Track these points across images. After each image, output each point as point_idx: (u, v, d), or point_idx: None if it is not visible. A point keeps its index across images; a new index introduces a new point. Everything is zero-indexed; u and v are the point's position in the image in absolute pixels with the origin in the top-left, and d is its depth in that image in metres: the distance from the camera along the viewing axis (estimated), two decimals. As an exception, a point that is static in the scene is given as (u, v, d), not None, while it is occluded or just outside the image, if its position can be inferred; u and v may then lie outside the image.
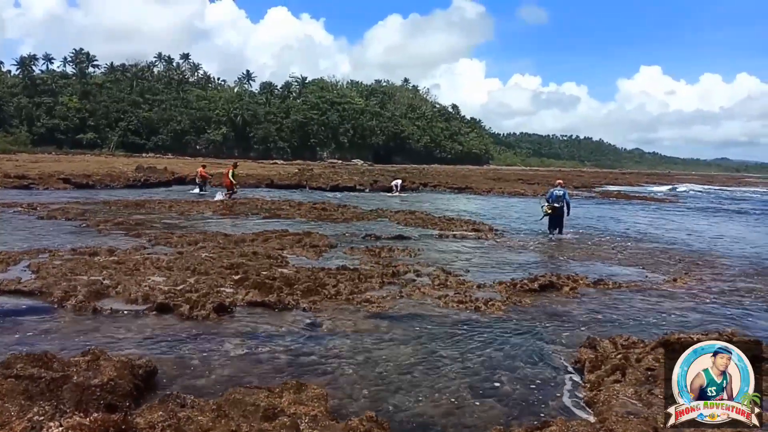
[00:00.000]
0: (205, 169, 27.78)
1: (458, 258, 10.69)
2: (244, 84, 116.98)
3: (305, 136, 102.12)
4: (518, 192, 35.93)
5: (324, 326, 6.05)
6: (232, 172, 21.70)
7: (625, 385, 4.30)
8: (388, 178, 39.85)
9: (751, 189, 66.21)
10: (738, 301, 8.01)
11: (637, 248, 13.06)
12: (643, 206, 29.45)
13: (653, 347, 5.09)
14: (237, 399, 3.69)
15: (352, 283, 7.86)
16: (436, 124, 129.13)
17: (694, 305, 7.66)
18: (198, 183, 26.30)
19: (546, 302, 7.49)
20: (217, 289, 7.05)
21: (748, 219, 24.08)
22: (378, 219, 16.81)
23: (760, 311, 7.51)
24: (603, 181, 62.19)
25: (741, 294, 8.43)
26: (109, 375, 3.84)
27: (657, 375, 4.47)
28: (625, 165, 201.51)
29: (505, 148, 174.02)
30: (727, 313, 7.33)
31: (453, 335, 5.94)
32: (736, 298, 8.19)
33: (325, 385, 4.38)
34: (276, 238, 11.53)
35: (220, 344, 5.34)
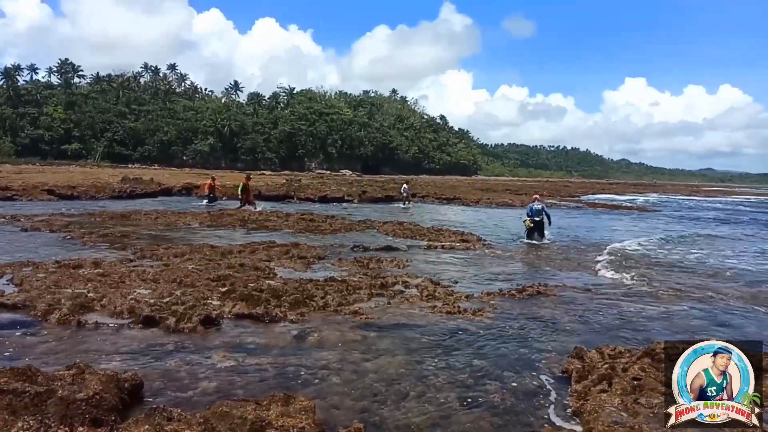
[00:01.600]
0: (215, 181, 27.59)
1: (447, 269, 10.71)
2: (231, 94, 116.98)
3: (293, 146, 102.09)
4: (506, 202, 36.12)
5: (312, 338, 6.03)
6: (243, 186, 22.61)
7: (612, 395, 4.33)
8: (376, 188, 39.90)
9: (715, 198, 66.65)
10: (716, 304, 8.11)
11: (624, 256, 13.19)
12: (620, 214, 29.78)
13: (639, 357, 5.14)
14: (224, 412, 3.66)
15: (341, 294, 7.85)
16: (424, 134, 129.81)
17: (672, 311, 7.74)
18: (208, 195, 26.07)
19: (534, 311, 7.52)
20: (204, 302, 7.00)
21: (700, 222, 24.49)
22: (366, 230, 16.81)
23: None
24: (590, 191, 62.75)
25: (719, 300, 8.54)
26: (94, 389, 3.80)
27: (643, 384, 4.51)
28: (612, 175, 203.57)
29: (493, 158, 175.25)
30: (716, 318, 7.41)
31: (441, 345, 5.95)
32: (716, 303, 8.30)
33: (313, 397, 4.36)
34: (263, 249, 11.49)
35: (206, 357, 5.30)
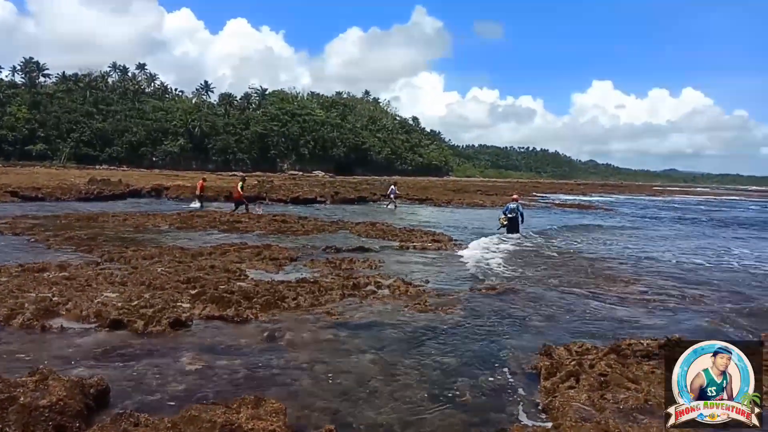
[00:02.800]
0: (205, 182, 27.12)
1: (419, 269, 10.77)
2: (202, 95, 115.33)
3: (265, 147, 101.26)
4: (477, 203, 36.47)
5: (283, 339, 5.99)
6: (241, 185, 22.50)
7: (579, 391, 4.42)
8: (349, 189, 39.85)
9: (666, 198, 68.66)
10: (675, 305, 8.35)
11: (590, 257, 13.45)
12: (587, 213, 30.39)
13: (605, 353, 5.26)
14: (193, 416, 3.62)
15: (313, 295, 7.83)
16: (396, 136, 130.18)
17: (640, 308, 7.94)
18: (198, 196, 25.60)
19: (504, 308, 7.62)
20: (174, 305, 6.90)
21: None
22: (339, 231, 16.78)
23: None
24: (559, 191, 63.74)
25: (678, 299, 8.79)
26: (58, 395, 3.72)
27: (609, 380, 4.61)
28: (580, 176, 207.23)
29: (465, 159, 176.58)
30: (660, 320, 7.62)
31: (413, 344, 5.98)
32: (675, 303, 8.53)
33: (284, 398, 4.34)
34: (234, 251, 11.38)
35: (175, 359, 5.23)
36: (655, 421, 3.95)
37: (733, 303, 8.64)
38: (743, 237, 21.06)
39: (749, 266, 12.96)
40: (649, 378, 4.74)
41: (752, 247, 17.24)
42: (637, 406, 4.21)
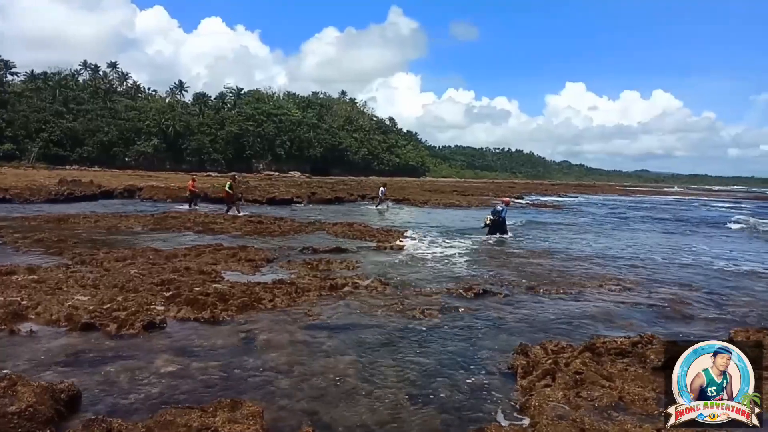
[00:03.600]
0: (194, 182, 26.63)
1: (396, 269, 10.78)
2: (176, 94, 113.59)
3: (240, 147, 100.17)
4: (454, 203, 36.64)
5: (259, 340, 5.94)
6: (230, 185, 22.30)
7: (555, 389, 4.47)
8: (326, 190, 39.70)
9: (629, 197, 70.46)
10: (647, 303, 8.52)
11: (568, 257, 13.63)
12: (555, 212, 30.83)
13: (580, 352, 5.33)
14: (168, 420, 3.56)
15: (289, 296, 7.78)
16: (373, 136, 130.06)
17: (615, 307, 8.08)
18: (188, 198, 25.10)
19: (481, 309, 7.67)
20: (147, 307, 6.79)
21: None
22: (316, 231, 16.70)
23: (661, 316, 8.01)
24: (533, 191, 64.45)
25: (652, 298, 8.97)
26: (27, 401, 3.62)
27: (584, 378, 4.68)
28: (554, 176, 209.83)
29: (441, 160, 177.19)
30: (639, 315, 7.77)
31: (390, 344, 5.99)
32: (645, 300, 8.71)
33: (261, 400, 4.31)
34: (209, 252, 11.24)
35: (149, 362, 5.14)
36: (629, 417, 4.02)
37: (703, 301, 8.84)
38: (707, 235, 21.56)
39: (707, 262, 13.27)
40: (623, 375, 4.82)
41: (711, 245, 17.68)
42: (612, 403, 4.28)
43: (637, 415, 4.10)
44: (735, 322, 7.41)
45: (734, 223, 28.80)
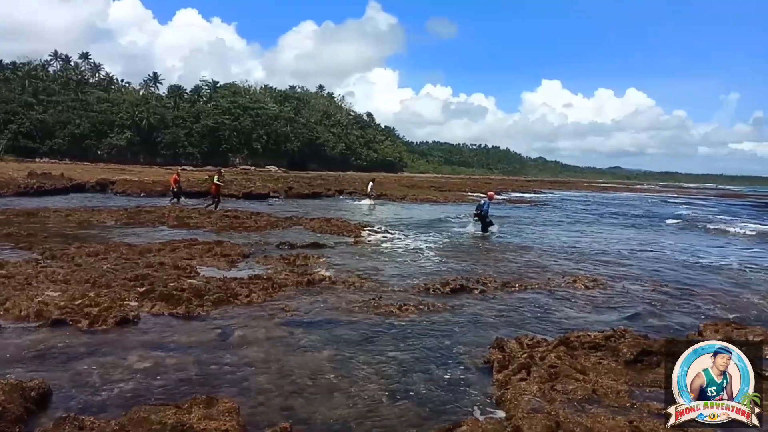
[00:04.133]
0: (179, 176, 25.95)
1: (373, 264, 10.77)
2: (150, 86, 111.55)
3: (216, 141, 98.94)
4: (431, 199, 36.80)
5: (235, 335, 5.89)
6: (217, 178, 21.99)
7: (531, 383, 4.53)
8: (303, 185, 39.51)
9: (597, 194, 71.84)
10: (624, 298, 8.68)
11: (542, 251, 13.80)
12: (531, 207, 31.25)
13: (555, 346, 5.40)
14: (142, 417, 3.51)
15: (266, 292, 7.73)
16: (351, 131, 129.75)
17: (591, 303, 8.21)
18: (173, 191, 24.48)
19: (457, 304, 7.72)
20: (121, 303, 6.67)
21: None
22: (293, 227, 16.61)
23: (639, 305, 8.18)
24: (510, 188, 65.03)
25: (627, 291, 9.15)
26: (-5, 399, 3.53)
27: (559, 372, 4.74)
28: (530, 172, 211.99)
29: (419, 156, 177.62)
30: (617, 309, 7.91)
31: (368, 339, 5.99)
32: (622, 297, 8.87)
33: (238, 396, 4.27)
34: (184, 247, 11.09)
35: (123, 358, 5.06)
36: (602, 409, 4.09)
37: (670, 294, 9.04)
38: (675, 232, 22.04)
39: (672, 255, 13.58)
40: (596, 369, 4.90)
41: (678, 240, 18.09)
42: (586, 396, 4.35)
43: (611, 408, 4.17)
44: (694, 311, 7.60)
45: (673, 218, 29.89)
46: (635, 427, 3.64)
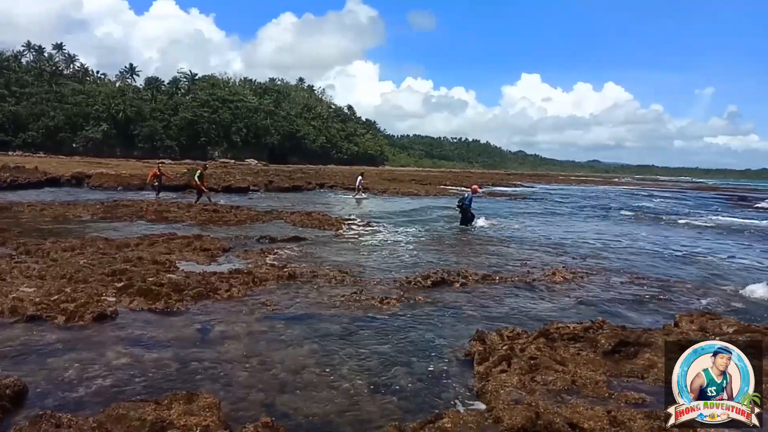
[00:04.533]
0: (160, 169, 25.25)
1: (354, 258, 10.77)
2: (126, 78, 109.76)
3: (195, 134, 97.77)
4: (412, 192, 36.88)
5: (216, 330, 5.84)
6: (200, 174, 21.48)
7: (511, 375, 4.57)
8: (283, 178, 39.25)
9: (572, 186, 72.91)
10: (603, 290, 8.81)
11: (521, 245, 13.92)
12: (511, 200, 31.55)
13: (535, 337, 5.46)
14: (121, 414, 3.47)
15: (246, 286, 7.67)
16: (332, 124, 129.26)
17: (569, 295, 8.31)
18: (155, 184, 24.00)
19: (438, 298, 7.75)
20: (98, 298, 6.57)
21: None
22: (273, 220, 16.50)
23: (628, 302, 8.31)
24: (490, 181, 65.39)
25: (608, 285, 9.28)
26: (-32, 397, 3.46)
27: (539, 363, 4.80)
28: (509, 166, 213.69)
29: (400, 149, 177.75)
30: (595, 301, 8.03)
31: (349, 333, 5.99)
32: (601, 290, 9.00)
33: (218, 391, 4.24)
34: (163, 242, 10.95)
35: (101, 354, 4.99)
36: (581, 400, 4.15)
37: (646, 285, 9.20)
38: (649, 225, 22.43)
39: (644, 246, 13.83)
40: (575, 360, 4.97)
41: (651, 232, 18.42)
42: (565, 387, 4.41)
43: (589, 398, 4.24)
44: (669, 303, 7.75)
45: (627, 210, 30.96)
46: (613, 417, 3.70)
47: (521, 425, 3.61)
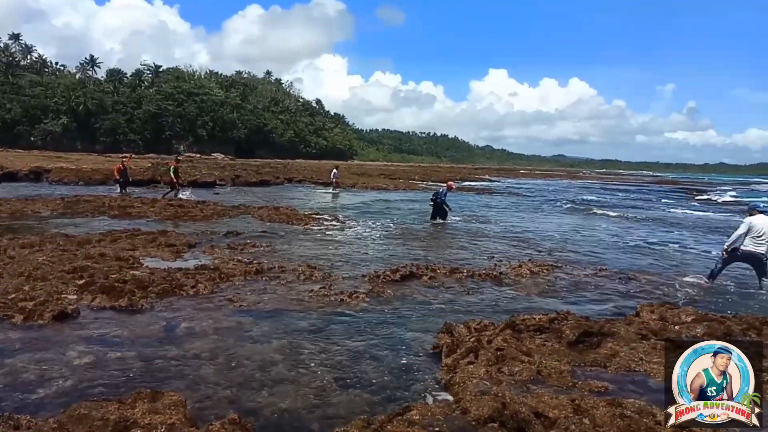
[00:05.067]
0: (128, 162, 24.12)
1: (323, 252, 10.73)
2: (87, 70, 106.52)
3: (159, 128, 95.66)
4: (381, 186, 36.90)
5: (182, 328, 5.75)
6: (174, 169, 20.94)
7: (478, 366, 4.63)
8: (251, 173, 38.79)
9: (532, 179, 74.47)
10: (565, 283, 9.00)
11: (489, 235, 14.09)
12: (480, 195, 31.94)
13: (502, 329, 5.54)
14: (82, 414, 3.39)
15: (213, 282, 7.57)
16: (300, 118, 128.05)
17: (534, 287, 8.46)
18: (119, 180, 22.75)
19: (407, 292, 7.79)
20: (58, 296, 6.39)
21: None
22: (241, 216, 16.30)
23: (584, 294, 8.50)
24: (458, 175, 65.91)
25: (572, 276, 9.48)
26: None
27: (505, 354, 4.87)
28: (477, 161, 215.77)
29: (369, 143, 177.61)
30: (557, 292, 8.19)
31: (318, 329, 5.97)
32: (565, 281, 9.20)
33: (185, 389, 4.18)
34: (127, 238, 10.70)
35: (61, 354, 4.86)
36: (546, 390, 4.23)
37: (609, 276, 9.43)
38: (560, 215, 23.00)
39: (605, 238, 14.20)
40: (540, 350, 5.06)
41: (613, 225, 18.91)
42: (531, 377, 4.49)
43: (554, 387, 4.32)
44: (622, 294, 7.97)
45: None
46: (577, 405, 3.78)
47: (488, 415, 3.66)
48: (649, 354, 5.02)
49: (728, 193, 54.24)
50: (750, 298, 8.56)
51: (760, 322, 6.09)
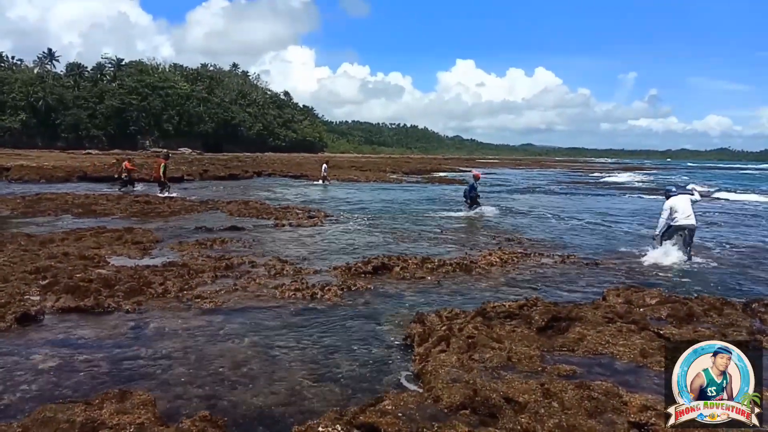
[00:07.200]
0: (131, 162, 24.01)
1: (294, 246, 10.67)
2: (46, 64, 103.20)
3: (123, 123, 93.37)
4: (352, 179, 36.79)
5: (150, 327, 5.66)
6: (164, 166, 20.44)
7: (450, 354, 4.67)
8: (219, 167, 38.24)
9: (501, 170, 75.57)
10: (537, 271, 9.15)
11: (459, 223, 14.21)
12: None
13: (473, 317, 5.60)
14: (48, 417, 3.31)
15: (182, 279, 7.46)
16: (268, 111, 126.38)
17: (504, 275, 8.58)
18: (122, 178, 22.73)
19: (379, 284, 7.81)
20: (20, 298, 6.22)
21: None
22: (209, 211, 16.08)
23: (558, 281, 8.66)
24: (428, 166, 66.12)
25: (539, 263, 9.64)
26: None
27: (476, 342, 4.93)
28: (447, 151, 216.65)
29: (339, 135, 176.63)
30: (528, 280, 8.33)
31: (290, 324, 5.94)
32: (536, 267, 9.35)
33: (155, 389, 4.12)
34: (91, 236, 10.45)
35: (26, 357, 4.73)
36: (516, 375, 4.30)
37: (576, 263, 9.62)
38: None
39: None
40: (511, 336, 5.14)
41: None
42: (501, 363, 4.55)
43: (524, 373, 4.39)
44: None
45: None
46: (546, 389, 3.86)
47: (460, 402, 3.71)
48: (615, 337, 5.15)
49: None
50: (709, 274, 8.91)
51: (721, 302, 6.31)
